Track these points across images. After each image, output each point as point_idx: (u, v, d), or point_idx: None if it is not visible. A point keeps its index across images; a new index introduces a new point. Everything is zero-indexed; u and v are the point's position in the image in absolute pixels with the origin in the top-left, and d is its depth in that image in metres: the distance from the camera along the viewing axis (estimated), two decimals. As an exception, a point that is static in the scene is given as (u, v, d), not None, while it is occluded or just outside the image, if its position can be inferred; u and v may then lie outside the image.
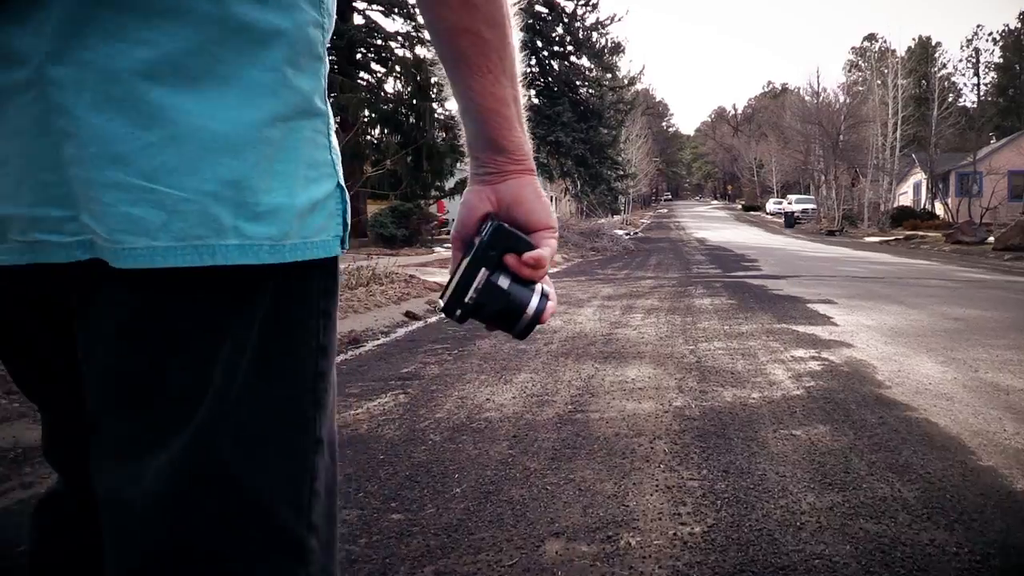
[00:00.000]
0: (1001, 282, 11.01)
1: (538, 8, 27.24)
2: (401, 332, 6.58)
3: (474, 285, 0.74)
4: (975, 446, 2.98)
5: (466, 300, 0.74)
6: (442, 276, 11.33)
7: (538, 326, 0.77)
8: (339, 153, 0.72)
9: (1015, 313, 7.18)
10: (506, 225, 0.76)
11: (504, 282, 0.75)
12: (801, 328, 6.12)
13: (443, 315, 0.77)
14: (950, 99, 47.33)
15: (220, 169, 0.60)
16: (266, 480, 0.66)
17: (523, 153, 0.78)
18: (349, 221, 0.71)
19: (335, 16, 0.73)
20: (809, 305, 7.68)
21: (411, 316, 7.61)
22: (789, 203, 52.13)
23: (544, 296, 0.77)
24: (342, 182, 0.72)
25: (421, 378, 4.55)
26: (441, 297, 0.76)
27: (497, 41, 0.73)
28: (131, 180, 0.58)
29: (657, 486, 2.61)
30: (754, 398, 3.79)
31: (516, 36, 0.77)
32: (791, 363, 4.68)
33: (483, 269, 0.74)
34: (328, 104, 0.71)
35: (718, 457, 2.87)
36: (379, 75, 24.50)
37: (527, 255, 0.75)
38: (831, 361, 4.73)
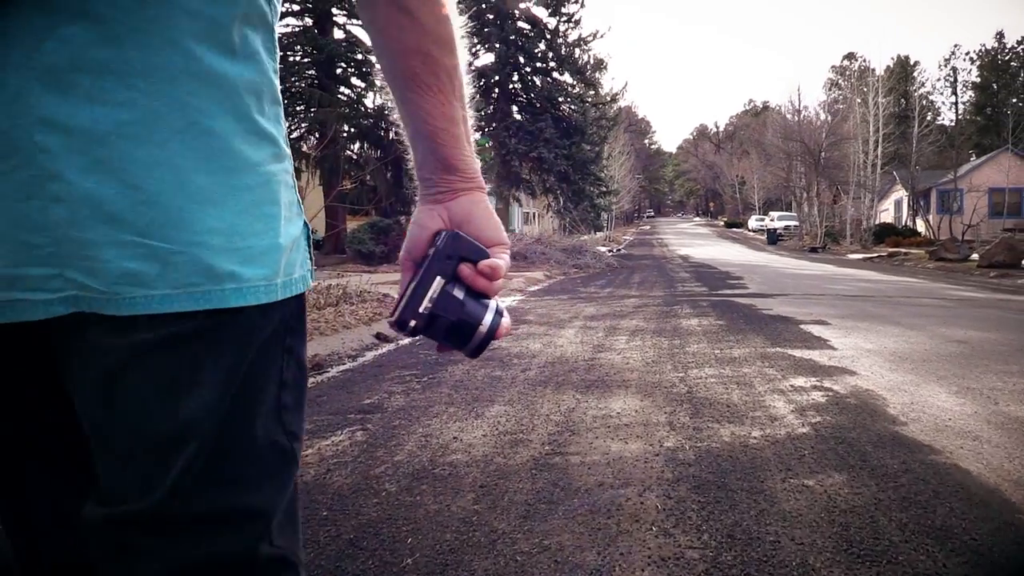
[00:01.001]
0: (994, 301, 10.69)
1: (520, 24, 27.08)
2: (369, 356, 6.12)
3: (428, 295, 0.71)
4: (1020, 501, 2.55)
5: (420, 310, 0.71)
6: (419, 294, 10.86)
7: (492, 343, 0.74)
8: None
9: (1018, 335, 6.81)
10: (462, 233, 0.75)
11: (459, 293, 0.72)
12: (797, 352, 5.70)
13: (395, 330, 0.73)
14: (928, 117, 47.61)
15: (208, 220, 0.64)
16: (260, 504, 0.70)
17: (473, 171, 0.79)
18: (313, 256, 0.76)
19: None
20: (803, 326, 7.27)
21: (381, 338, 7.14)
22: (771, 220, 52.13)
23: (498, 312, 0.74)
24: (306, 220, 0.76)
25: (384, 410, 4.08)
26: (393, 311, 0.73)
27: (447, 61, 0.74)
28: (125, 237, 0.61)
29: (650, 557, 2.15)
30: (755, 437, 3.35)
31: (464, 57, 0.77)
32: (792, 394, 4.25)
33: (438, 278, 0.72)
34: (289, 146, 0.75)
35: (720, 516, 2.43)
36: (359, 90, 24.21)
37: (483, 263, 0.74)
38: (835, 391, 4.30)
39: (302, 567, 0.75)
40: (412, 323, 0.71)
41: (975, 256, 22.59)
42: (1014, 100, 65.09)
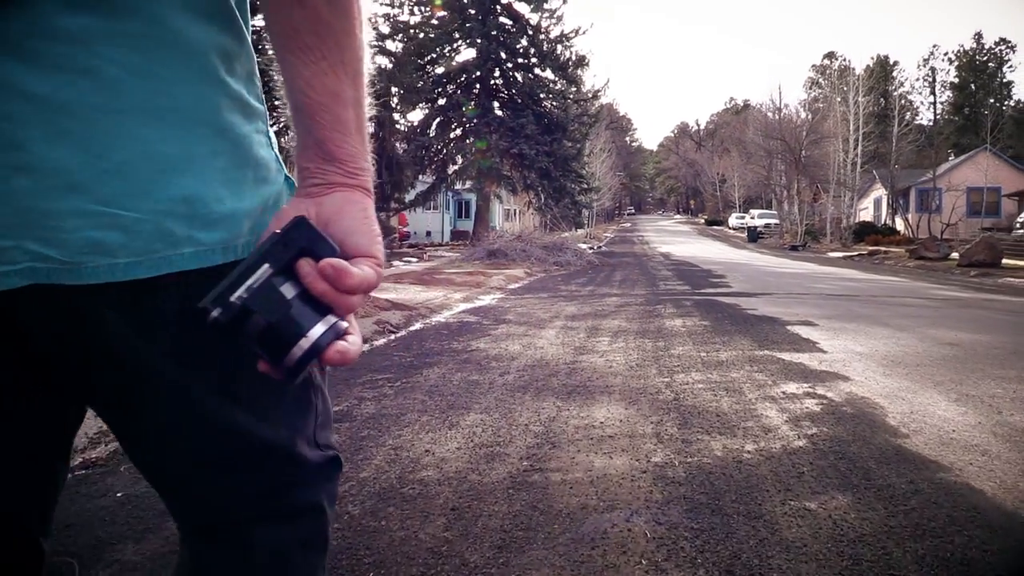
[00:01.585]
0: (980, 300, 10.58)
1: (502, 20, 26.82)
2: (342, 358, 5.83)
3: (248, 282, 0.59)
4: (1043, 527, 2.34)
5: (232, 298, 0.59)
6: (396, 292, 10.62)
7: (315, 367, 0.64)
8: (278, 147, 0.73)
9: (1009, 337, 6.64)
10: (312, 222, 0.63)
11: (289, 291, 0.60)
12: (786, 356, 5.49)
13: (203, 313, 0.60)
14: (907, 117, 47.88)
15: (172, 189, 0.63)
16: (280, 431, 0.77)
17: (358, 166, 0.69)
18: None
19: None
20: (789, 328, 7.08)
21: (356, 338, 6.86)
22: (752, 218, 52.23)
23: (336, 331, 0.61)
24: (289, 174, 0.73)
25: (352, 419, 3.82)
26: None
27: (337, 25, 0.65)
28: (89, 207, 0.60)
29: (639, 597, 1.91)
30: (749, 451, 3.12)
31: (365, 34, 0.69)
32: (784, 401, 4.03)
33: (266, 265, 0.60)
34: (264, 103, 0.72)
35: (716, 547, 2.18)
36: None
37: (326, 262, 0.62)
38: (829, 399, 4.09)
39: (329, 456, 0.87)
40: (216, 312, 0.59)
41: (955, 255, 22.64)
42: (991, 100, 65.74)
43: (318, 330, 0.60)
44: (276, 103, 0.73)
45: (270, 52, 0.68)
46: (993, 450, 3.13)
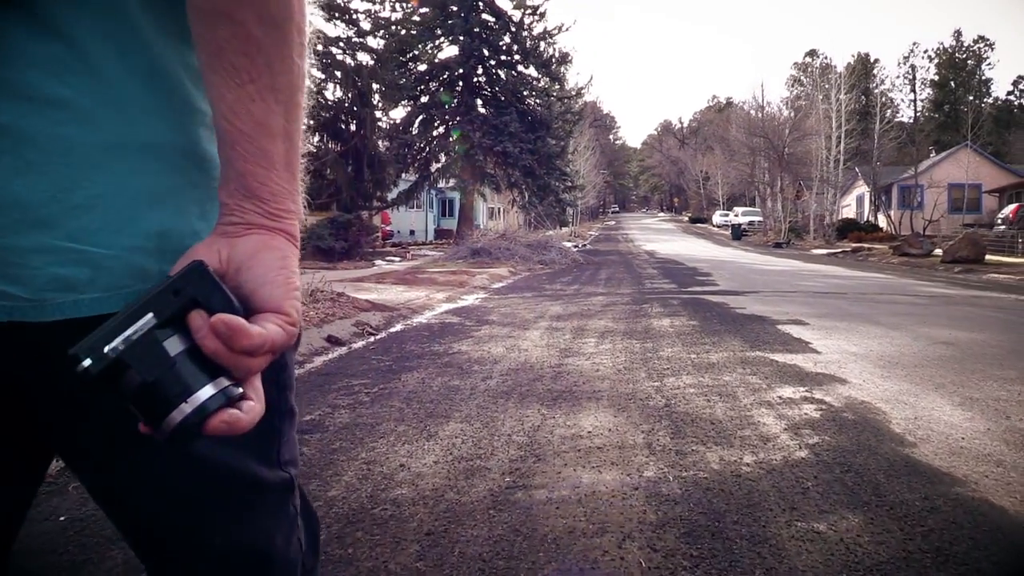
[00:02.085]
0: (967, 297, 10.47)
1: (485, 16, 26.61)
2: (318, 362, 5.60)
3: (126, 333, 0.51)
4: (1075, 550, 2.14)
5: (105, 350, 0.51)
6: (378, 292, 10.39)
7: (199, 435, 0.52)
8: None
9: (1004, 335, 6.50)
10: (211, 270, 0.55)
11: (174, 347, 0.52)
12: (779, 357, 5.29)
13: (72, 361, 0.51)
14: (888, 114, 48.09)
15: (146, 223, 0.60)
16: (246, 456, 0.72)
17: (282, 207, 0.60)
18: None
19: None
20: (780, 327, 6.89)
21: (333, 341, 6.62)
22: (736, 215, 52.24)
23: (227, 395, 0.52)
24: None
25: (324, 430, 3.59)
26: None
27: (269, 44, 0.58)
28: (57, 243, 0.57)
29: (636, 642, 1.69)
30: (748, 464, 2.91)
31: (304, 56, 0.61)
32: (781, 407, 3.83)
33: (150, 315, 0.52)
34: None
35: (719, 577, 1.97)
36: (319, 81, 23.66)
37: (219, 317, 0.52)
38: (829, 404, 3.89)
39: (289, 473, 0.81)
40: (86, 363, 0.50)
41: (938, 251, 22.69)
42: (971, 97, 66.24)
43: (204, 393, 0.52)
44: None
45: None
46: (1008, 460, 2.93)
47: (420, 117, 26.98)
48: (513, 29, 26.85)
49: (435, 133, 27.26)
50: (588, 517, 2.40)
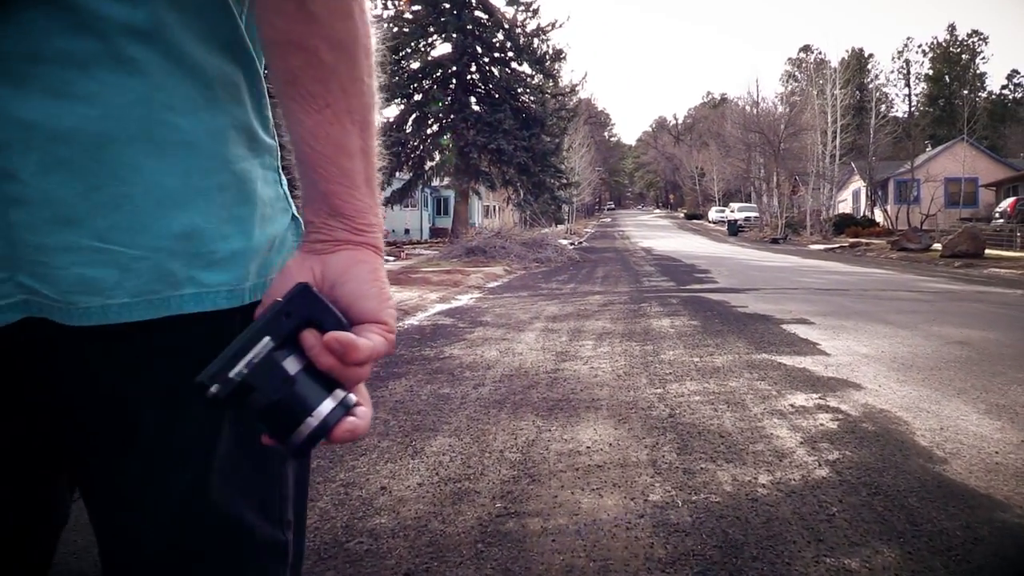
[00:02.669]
0: (972, 293, 10.23)
1: (477, 13, 26.33)
2: (303, 368, 5.31)
3: (247, 358, 0.54)
4: None
5: (230, 375, 0.54)
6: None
7: (324, 443, 0.56)
8: (287, 185, 0.69)
9: (1018, 333, 6.25)
10: (316, 290, 0.59)
11: (292, 366, 0.55)
12: (787, 360, 5.03)
13: (200, 388, 0.55)
14: (883, 109, 47.97)
15: (173, 224, 0.58)
16: (245, 505, 0.66)
17: (366, 222, 0.63)
18: None
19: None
20: (785, 327, 6.63)
21: (320, 346, 6.34)
22: (732, 211, 51.98)
23: (345, 406, 0.56)
24: (297, 213, 0.69)
25: (302, 446, 3.30)
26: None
27: (342, 69, 0.60)
28: (83, 242, 0.56)
29: None
30: (764, 485, 2.64)
31: (373, 76, 0.63)
32: (795, 417, 3.56)
33: (267, 338, 0.55)
34: (276, 137, 0.68)
35: (742, 630, 1.70)
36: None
37: (331, 335, 0.56)
38: (845, 413, 3.62)
39: (287, 537, 0.72)
40: (214, 388, 0.53)
41: (937, 246, 22.48)
42: (966, 91, 66.13)
43: (326, 407, 0.55)
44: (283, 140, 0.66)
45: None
46: (1050, 477, 2.67)
47: (414, 115, 26.66)
48: (506, 26, 26.55)
49: (429, 131, 26.95)
50: (588, 552, 2.13)
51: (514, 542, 2.22)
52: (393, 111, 26.76)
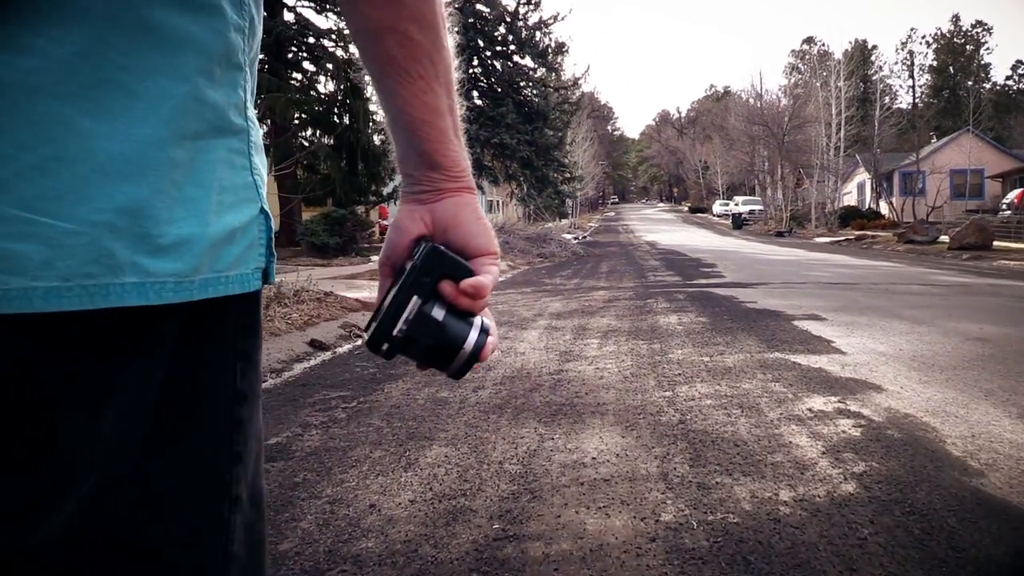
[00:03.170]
0: (984, 286, 9.99)
1: (479, 7, 26.07)
2: (297, 369, 5.14)
3: (404, 316, 0.64)
4: None
5: (394, 333, 0.64)
6: (371, 290, 9.93)
7: (476, 364, 0.68)
8: (264, 175, 0.63)
9: (1039, 329, 6.02)
10: (442, 248, 0.67)
11: (439, 313, 0.66)
12: (801, 359, 4.80)
13: (367, 349, 0.66)
14: (887, 101, 47.64)
15: (116, 196, 0.52)
16: (172, 545, 0.59)
17: (460, 169, 0.70)
18: (274, 251, 0.63)
19: (260, 21, 0.63)
20: (796, 323, 6.40)
21: (317, 345, 6.15)
22: (736, 204, 51.71)
23: (484, 331, 0.68)
24: (267, 207, 0.64)
25: (290, 456, 3.12)
26: (366, 330, 0.66)
27: (428, 44, 0.66)
28: (7, 210, 0.49)
29: None
30: (786, 502, 2.42)
31: (451, 41, 0.69)
32: (813, 422, 3.34)
33: (415, 297, 0.65)
34: (250, 120, 0.62)
35: None
36: (311, 74, 23.24)
37: (465, 283, 0.66)
38: (868, 418, 3.40)
39: None
40: (385, 347, 0.64)
41: (944, 238, 22.25)
42: (970, 82, 65.73)
43: (472, 338, 0.66)
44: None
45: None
46: (1099, 493, 2.45)
47: (415, 110, 26.47)
48: (508, 19, 26.31)
49: (430, 126, 26.74)
50: (595, 583, 1.92)
51: (512, 571, 2.01)
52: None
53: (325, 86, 23.25)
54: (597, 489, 2.60)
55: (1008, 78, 73.00)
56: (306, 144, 21.96)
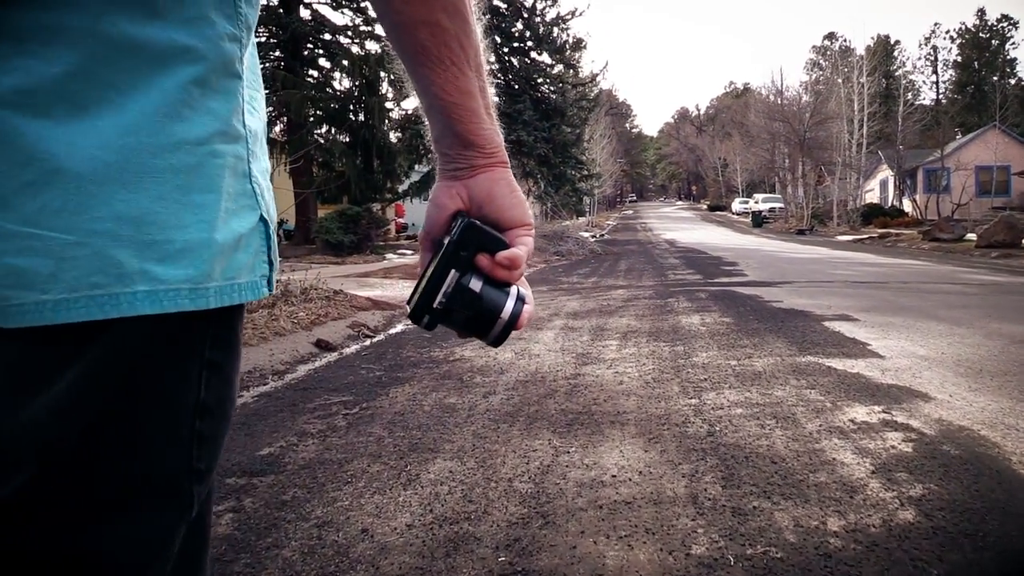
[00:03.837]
0: (1021, 285, 9.58)
1: (496, 2, 25.81)
2: (301, 371, 4.88)
3: (443, 288, 0.67)
4: None
5: (435, 305, 0.67)
6: (383, 289, 9.72)
7: (514, 332, 0.70)
8: (266, 180, 0.64)
9: (1088, 331, 5.64)
10: (477, 223, 0.70)
11: (476, 284, 0.68)
12: (837, 364, 4.47)
13: (410, 322, 0.69)
14: (909, 97, 46.95)
15: (115, 204, 0.52)
16: (121, 557, 0.58)
17: (494, 146, 0.73)
18: (276, 259, 0.65)
19: (254, 28, 0.63)
20: (827, 324, 6.06)
21: (323, 346, 5.90)
22: (756, 202, 51.11)
23: (520, 299, 0.70)
24: (267, 214, 0.63)
25: (282, 469, 2.85)
26: (408, 302, 0.70)
27: (458, 31, 0.68)
28: (10, 227, 0.50)
29: None
30: (837, 534, 2.11)
31: (478, 24, 0.72)
32: (858, 436, 3.02)
33: (453, 271, 0.68)
34: (249, 129, 0.62)
35: None
36: (326, 71, 23.12)
37: (501, 255, 0.69)
38: (918, 431, 3.07)
39: None
40: (426, 319, 0.67)
41: (971, 236, 21.74)
42: (995, 77, 64.64)
43: (508, 307, 0.68)
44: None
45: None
46: None
47: (432, 107, 26.26)
48: (525, 15, 26.05)
49: (447, 123, 26.53)
50: (617, 636, 1.63)
51: (520, 617, 1.71)
52: (412, 103, 26.39)
53: (341, 83, 23.13)
54: (618, 514, 2.30)
55: (1034, 73, 71.75)
56: (321, 141, 21.81)
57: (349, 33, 23.09)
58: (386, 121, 23.70)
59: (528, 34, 26.50)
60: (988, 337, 5.30)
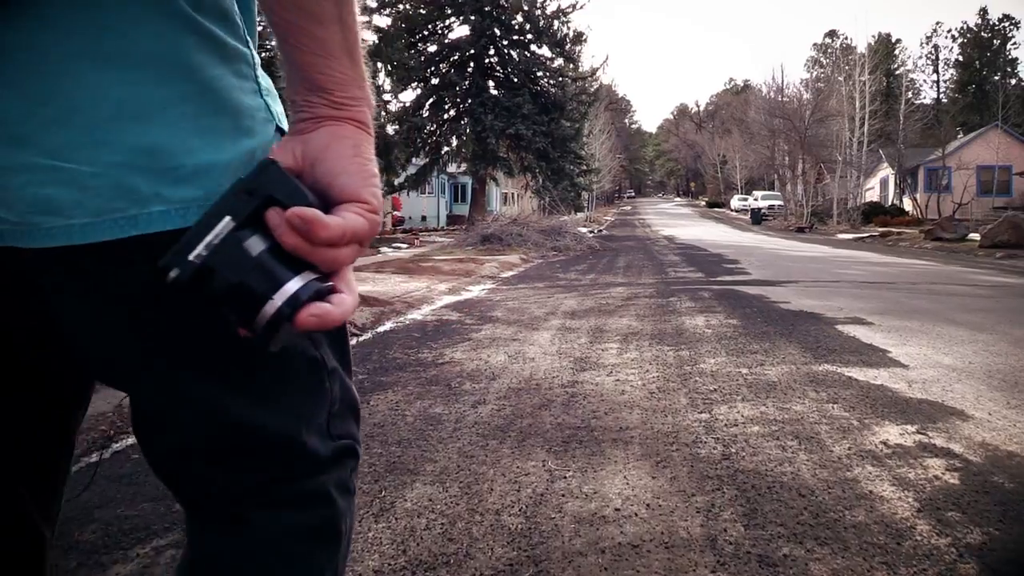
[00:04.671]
0: (1033, 288, 9.25)
1: (498, -5, 25.42)
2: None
3: (208, 238, 0.52)
4: None
5: (190, 257, 0.52)
6: (374, 283, 9.37)
7: (293, 332, 0.53)
8: (274, 92, 0.64)
9: (1119, 338, 5.30)
10: (281, 165, 0.55)
11: (256, 246, 0.53)
12: (857, 373, 4.11)
13: (161, 273, 0.54)
14: (910, 95, 46.67)
15: (129, 137, 0.55)
16: (281, 419, 0.65)
17: (348, 95, 0.59)
18: None
19: None
20: (840, 327, 5.71)
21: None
22: (755, 199, 50.77)
23: (317, 291, 0.53)
24: (284, 124, 0.63)
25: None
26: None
27: None
28: (36, 160, 0.54)
29: None
30: (888, 593, 1.76)
31: None
32: (894, 463, 2.66)
33: (228, 218, 0.53)
34: (251, 44, 0.63)
35: None
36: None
37: (293, 210, 0.53)
38: (962, 457, 2.72)
39: (328, 454, 0.71)
40: (175, 271, 0.52)
41: (973, 235, 21.44)
42: (997, 77, 64.34)
43: (292, 285, 0.52)
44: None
45: None
46: None
47: (431, 99, 25.86)
48: (525, 7, 25.65)
49: (446, 116, 26.12)
50: None
51: None
52: (410, 95, 26.01)
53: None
54: (623, 560, 1.94)
55: (1036, 73, 71.38)
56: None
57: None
58: (383, 114, 23.32)
59: (528, 27, 26.15)
60: (1015, 344, 4.95)
